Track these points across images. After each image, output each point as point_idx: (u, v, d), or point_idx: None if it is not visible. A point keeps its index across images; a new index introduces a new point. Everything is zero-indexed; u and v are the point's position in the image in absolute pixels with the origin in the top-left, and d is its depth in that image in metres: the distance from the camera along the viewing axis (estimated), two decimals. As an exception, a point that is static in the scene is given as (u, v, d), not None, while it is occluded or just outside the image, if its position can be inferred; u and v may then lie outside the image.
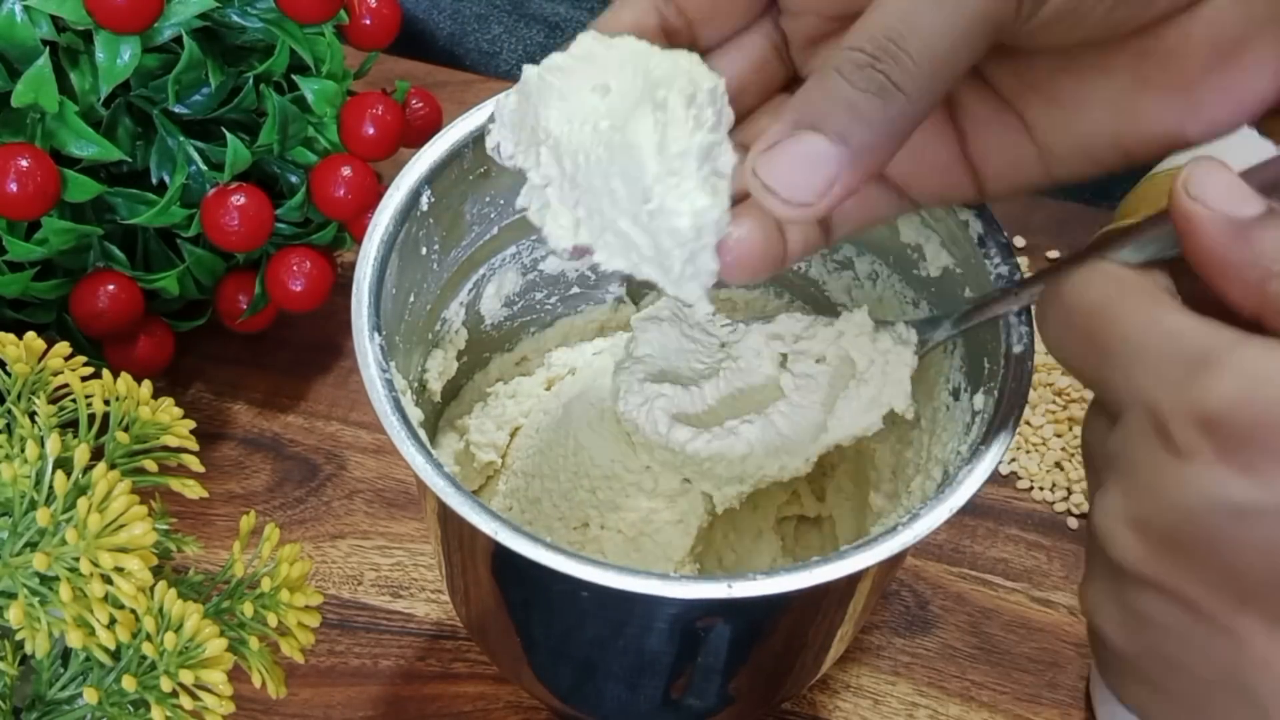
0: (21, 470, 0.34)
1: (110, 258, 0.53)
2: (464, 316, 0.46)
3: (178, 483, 0.39)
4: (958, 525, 0.56)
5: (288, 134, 0.54)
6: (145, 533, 0.33)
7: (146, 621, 0.33)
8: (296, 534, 0.55)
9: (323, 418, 0.59)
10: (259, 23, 0.52)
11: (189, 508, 0.50)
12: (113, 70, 0.49)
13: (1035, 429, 0.59)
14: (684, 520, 0.44)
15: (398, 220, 0.40)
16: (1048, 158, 0.33)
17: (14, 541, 0.33)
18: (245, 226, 0.52)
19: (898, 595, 0.54)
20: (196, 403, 0.59)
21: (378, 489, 0.56)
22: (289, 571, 0.37)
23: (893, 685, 0.52)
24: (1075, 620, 0.54)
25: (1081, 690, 0.52)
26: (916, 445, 0.43)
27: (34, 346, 0.38)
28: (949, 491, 0.35)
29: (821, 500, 0.50)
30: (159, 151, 0.53)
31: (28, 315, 0.53)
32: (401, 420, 0.36)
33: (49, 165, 0.48)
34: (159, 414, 0.38)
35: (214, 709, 0.34)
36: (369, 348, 0.37)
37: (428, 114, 0.58)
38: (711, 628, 0.38)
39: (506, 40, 0.79)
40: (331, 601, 0.53)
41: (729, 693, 0.42)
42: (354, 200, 0.54)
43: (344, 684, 0.51)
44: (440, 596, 0.53)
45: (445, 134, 0.41)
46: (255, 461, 0.57)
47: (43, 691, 0.36)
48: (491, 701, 0.51)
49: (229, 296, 0.56)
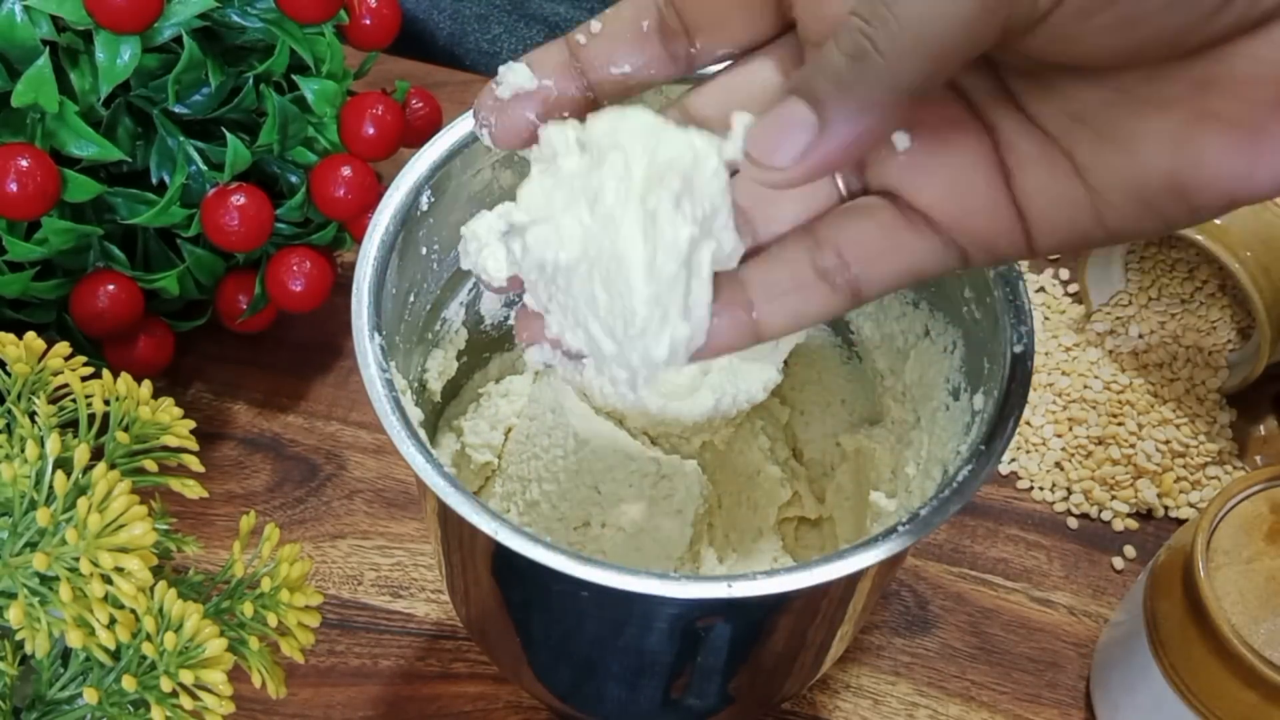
0: (21, 470, 0.34)
1: (110, 258, 0.53)
2: (464, 316, 0.46)
3: (178, 483, 0.39)
4: (958, 525, 0.56)
5: (288, 134, 0.54)
6: (145, 533, 0.33)
7: (146, 621, 0.33)
8: (296, 534, 0.55)
9: (323, 418, 0.59)
10: (259, 23, 0.52)
11: (189, 508, 0.50)
12: (113, 70, 0.49)
13: (1035, 429, 0.59)
14: (682, 511, 0.44)
15: (398, 220, 0.40)
16: (1100, 203, 0.29)
17: (14, 541, 0.33)
18: (245, 226, 0.52)
19: (898, 595, 0.54)
20: (196, 403, 0.59)
21: (378, 489, 0.56)
22: (289, 571, 0.37)
23: (893, 685, 0.52)
24: (1075, 620, 0.54)
25: (1081, 690, 0.52)
26: (916, 445, 0.43)
27: (34, 346, 0.38)
28: (949, 491, 0.35)
29: (821, 501, 0.50)
30: (159, 151, 0.53)
31: (28, 315, 0.53)
32: (401, 420, 0.36)
33: (49, 165, 0.48)
34: (159, 414, 0.38)
35: (214, 709, 0.34)
36: (369, 348, 0.37)
37: (428, 114, 0.59)
38: (711, 628, 0.38)
39: (506, 40, 0.79)
40: (331, 601, 0.53)
41: (729, 693, 0.42)
42: (354, 200, 0.54)
43: (344, 684, 0.51)
44: (440, 596, 0.53)
45: (445, 134, 0.41)
46: (255, 461, 0.57)
47: (43, 691, 0.36)
48: (491, 701, 0.51)
49: (229, 296, 0.56)
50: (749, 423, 0.49)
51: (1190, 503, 0.57)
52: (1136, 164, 0.28)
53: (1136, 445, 0.57)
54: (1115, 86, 0.28)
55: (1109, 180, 0.29)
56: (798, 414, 0.51)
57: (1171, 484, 0.57)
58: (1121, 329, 0.60)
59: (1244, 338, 0.59)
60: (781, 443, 0.50)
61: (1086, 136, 0.29)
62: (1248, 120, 0.27)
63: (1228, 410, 0.59)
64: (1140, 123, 0.28)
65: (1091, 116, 0.29)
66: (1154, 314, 0.60)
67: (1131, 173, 0.28)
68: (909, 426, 0.44)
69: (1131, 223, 0.29)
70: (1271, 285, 0.55)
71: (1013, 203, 0.30)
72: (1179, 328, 0.59)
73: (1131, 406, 0.58)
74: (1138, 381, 0.59)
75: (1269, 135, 0.27)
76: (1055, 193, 0.30)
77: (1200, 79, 0.27)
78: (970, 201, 0.30)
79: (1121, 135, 0.28)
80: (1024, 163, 0.30)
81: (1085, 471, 0.57)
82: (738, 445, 0.48)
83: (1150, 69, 0.28)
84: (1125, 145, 0.28)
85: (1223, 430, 0.58)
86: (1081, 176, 0.29)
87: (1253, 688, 0.42)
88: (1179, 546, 0.46)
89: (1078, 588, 0.55)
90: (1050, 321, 0.62)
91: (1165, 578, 0.46)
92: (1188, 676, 0.44)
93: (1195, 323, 0.59)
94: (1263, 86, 0.26)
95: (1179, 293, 0.60)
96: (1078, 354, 0.60)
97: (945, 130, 0.30)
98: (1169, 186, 0.28)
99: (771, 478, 0.48)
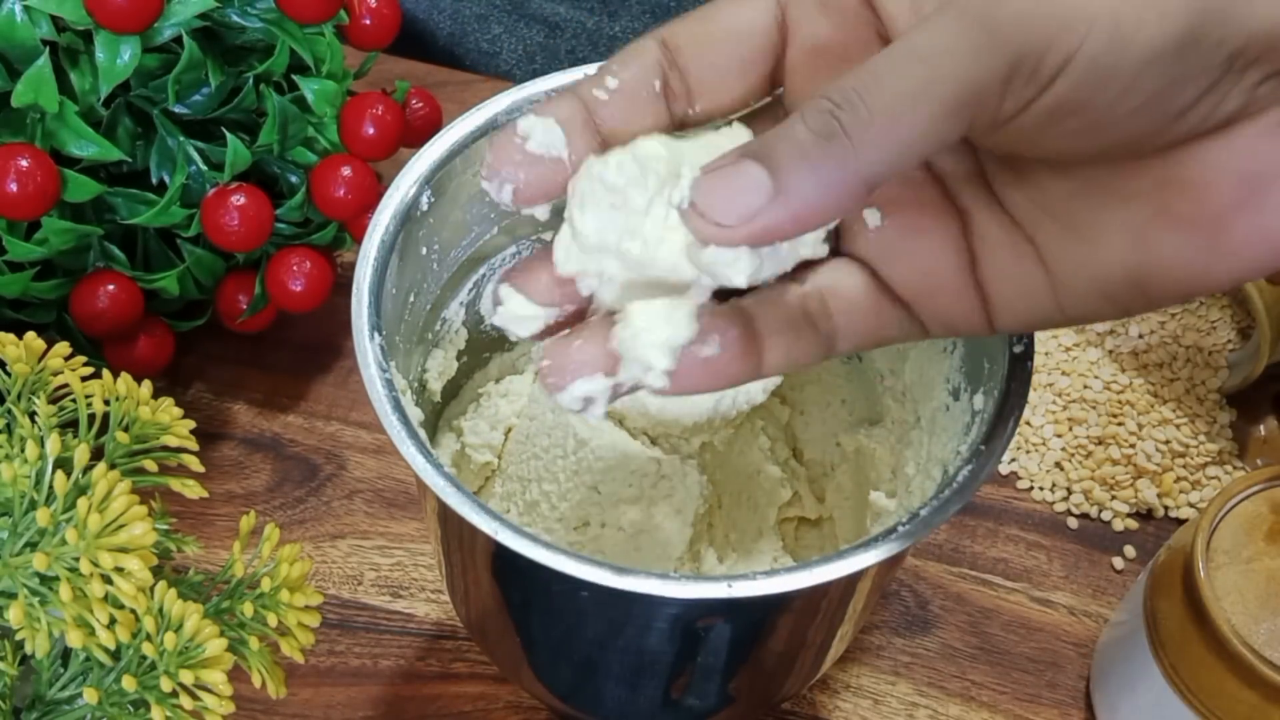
0: (21, 470, 0.34)
1: (110, 258, 0.53)
2: (464, 316, 0.46)
3: (178, 483, 0.39)
4: (958, 525, 0.56)
5: (288, 134, 0.54)
6: (145, 533, 0.33)
7: (146, 621, 0.33)
8: (296, 534, 0.55)
9: (323, 418, 0.59)
10: (259, 23, 0.52)
11: (189, 508, 0.50)
12: (113, 70, 0.49)
13: (1035, 429, 0.59)
14: (681, 511, 0.44)
15: (398, 220, 0.40)
16: (1060, 291, 0.30)
17: (14, 541, 0.33)
18: (245, 226, 0.52)
19: (898, 595, 0.54)
20: (196, 403, 0.59)
21: (378, 489, 0.56)
22: (289, 571, 0.37)
23: (893, 685, 0.52)
24: (1075, 620, 0.54)
25: (1081, 690, 0.52)
26: (916, 445, 0.43)
27: (34, 346, 0.38)
28: (949, 491, 0.35)
29: (821, 500, 0.50)
30: (159, 151, 0.53)
31: (28, 315, 0.53)
32: (401, 420, 0.36)
33: (49, 165, 0.48)
34: (159, 414, 0.38)
35: (214, 709, 0.34)
36: (369, 348, 0.37)
37: (428, 114, 0.58)
38: (711, 628, 0.38)
39: (506, 40, 0.79)
40: (331, 601, 0.53)
41: (729, 693, 0.42)
42: (354, 200, 0.54)
43: (344, 684, 0.51)
44: (440, 596, 0.53)
45: (445, 134, 0.41)
46: (255, 461, 0.57)
47: (43, 691, 0.36)
48: (491, 701, 0.51)
49: (229, 296, 0.56)
50: (749, 423, 0.49)
51: (1190, 503, 0.57)
52: (1098, 257, 0.29)
53: (1136, 445, 0.57)
54: (1081, 177, 0.29)
55: (1071, 270, 0.30)
56: (798, 414, 0.51)
57: (1171, 484, 0.57)
58: (1121, 329, 0.60)
59: (1244, 338, 0.59)
60: (781, 443, 0.50)
61: (1053, 227, 0.30)
62: (1206, 220, 0.27)
63: (1228, 410, 0.59)
64: (1103, 215, 0.29)
65: (1057, 207, 0.30)
66: (1154, 314, 0.60)
67: (1093, 264, 0.29)
68: (909, 426, 0.44)
69: (1090, 311, 0.30)
70: (1272, 285, 0.55)
71: (976, 286, 0.31)
72: (1179, 328, 0.59)
73: (1131, 406, 0.58)
74: (1138, 381, 0.59)
75: (1226, 235, 0.27)
76: (1019, 279, 0.30)
77: (1162, 178, 0.28)
78: (936, 282, 0.31)
79: (1084, 227, 0.29)
80: (991, 249, 0.31)
81: (1085, 471, 0.57)
82: (738, 445, 0.49)
83: (1115, 165, 0.28)
84: (1088, 237, 0.29)
85: (1223, 430, 0.58)
86: (1045, 265, 0.30)
87: (1253, 688, 0.42)
88: (1179, 546, 0.46)
89: (1078, 588, 0.55)
90: (1050, 321, 0.62)
91: (1165, 578, 0.46)
92: (1188, 676, 0.44)
93: (1195, 323, 0.59)
94: (1222, 189, 0.27)
95: (1179, 293, 0.60)
96: (1078, 354, 0.60)
97: (917, 212, 0.31)
98: (1128, 279, 0.29)
99: (771, 478, 0.48)
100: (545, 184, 0.30)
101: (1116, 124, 0.27)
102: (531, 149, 0.30)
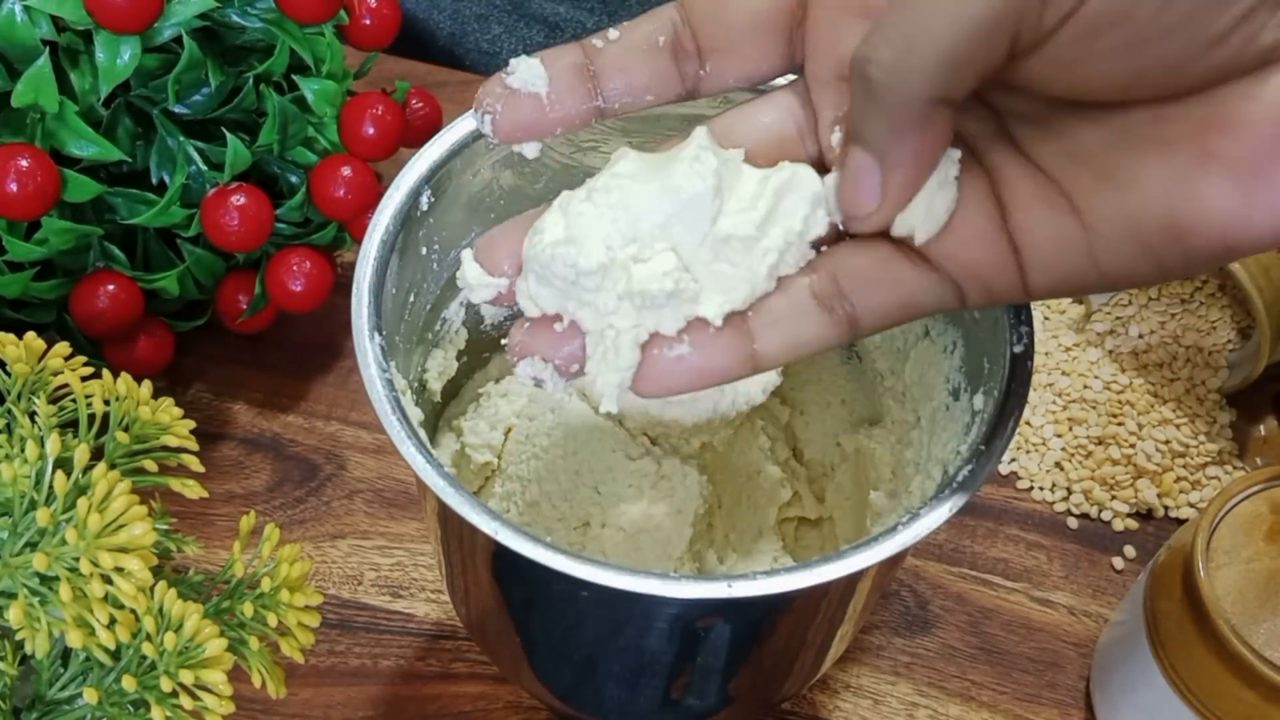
0: (21, 470, 0.34)
1: (110, 258, 0.53)
2: (464, 316, 0.46)
3: (178, 483, 0.39)
4: (958, 525, 0.56)
5: (288, 134, 0.54)
6: (145, 533, 0.33)
7: (146, 621, 0.33)
8: (296, 534, 0.55)
9: (323, 418, 0.59)
10: (259, 23, 0.52)
11: (189, 508, 0.51)
12: (113, 70, 0.49)
13: (1035, 429, 0.59)
14: (682, 511, 0.44)
15: (398, 220, 0.40)
16: (1096, 242, 0.29)
17: (14, 541, 0.33)
18: (245, 226, 0.52)
19: (898, 595, 0.54)
20: (196, 403, 0.59)
21: (378, 489, 0.56)
22: (289, 571, 0.37)
23: (893, 685, 0.52)
24: (1075, 620, 0.54)
25: (1081, 690, 0.52)
26: (916, 445, 0.43)
27: (34, 346, 0.38)
28: (949, 491, 0.35)
29: (821, 501, 0.50)
30: (159, 151, 0.53)
31: (28, 315, 0.53)
32: (401, 420, 0.36)
33: (49, 165, 0.48)
34: (159, 414, 0.38)
35: (214, 709, 0.34)
36: (369, 348, 0.37)
37: (428, 114, 0.59)
38: (711, 628, 0.38)
39: (506, 40, 0.79)
40: (331, 601, 0.53)
41: (729, 693, 0.42)
42: (354, 200, 0.54)
43: (344, 684, 0.51)
44: (440, 596, 0.53)
45: (445, 134, 0.41)
46: (255, 461, 0.57)
47: (43, 691, 0.36)
48: (491, 701, 0.51)
49: (229, 296, 0.56)
50: (749, 423, 0.49)
51: (1190, 503, 0.57)
52: (1134, 203, 0.28)
53: (1136, 445, 0.57)
54: (1116, 127, 0.28)
55: (1106, 218, 0.29)
56: (798, 414, 0.51)
57: (1171, 484, 0.57)
58: (1121, 329, 0.60)
59: (1244, 338, 0.59)
60: (781, 443, 0.50)
61: (1085, 175, 0.29)
62: (1247, 161, 0.27)
63: (1228, 410, 0.59)
64: (1140, 163, 0.28)
65: (1091, 156, 0.29)
66: (1154, 314, 0.60)
67: (1129, 211, 0.29)
68: (909, 426, 0.44)
69: (1126, 265, 0.29)
70: (1271, 285, 0.55)
71: (1008, 239, 0.30)
72: (1179, 328, 0.59)
73: (1131, 406, 0.58)
74: (1138, 381, 0.59)
75: (1268, 177, 0.27)
76: (1051, 229, 0.30)
77: (1201, 120, 0.27)
78: (965, 235, 0.31)
79: (1121, 175, 0.29)
80: (1021, 199, 0.30)
81: (1085, 471, 0.57)
82: (738, 445, 0.49)
83: (1152, 109, 0.28)
84: (1124, 184, 0.28)
85: (1223, 430, 0.58)
86: (1078, 214, 0.29)
87: (1252, 687, 0.42)
88: (1179, 546, 0.46)
89: (1078, 588, 0.55)
90: (1050, 321, 0.62)
91: (1165, 578, 0.46)
92: (1188, 676, 0.44)
93: (1195, 323, 0.59)
94: (1263, 128, 0.27)
95: (1179, 293, 0.60)
96: (1078, 354, 0.60)
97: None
98: (1166, 226, 0.28)
99: (771, 478, 0.48)
100: (523, 119, 0.31)
101: (1152, 43, 0.26)
102: (511, 83, 0.31)
